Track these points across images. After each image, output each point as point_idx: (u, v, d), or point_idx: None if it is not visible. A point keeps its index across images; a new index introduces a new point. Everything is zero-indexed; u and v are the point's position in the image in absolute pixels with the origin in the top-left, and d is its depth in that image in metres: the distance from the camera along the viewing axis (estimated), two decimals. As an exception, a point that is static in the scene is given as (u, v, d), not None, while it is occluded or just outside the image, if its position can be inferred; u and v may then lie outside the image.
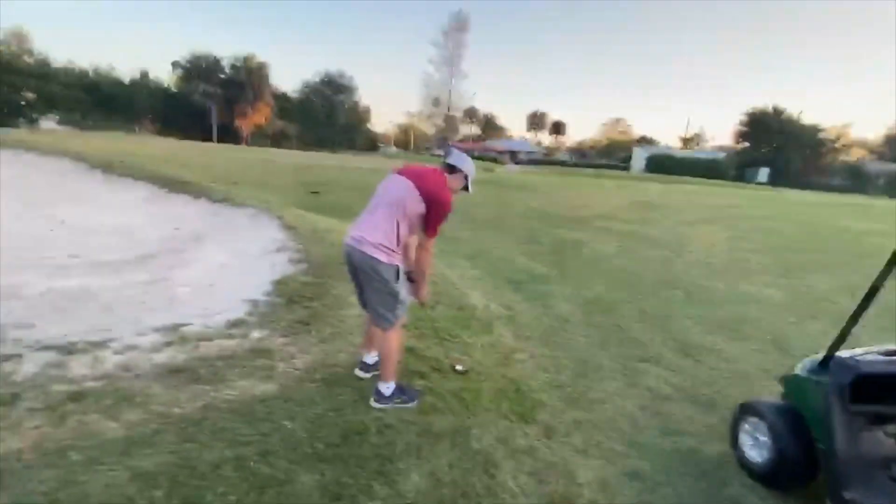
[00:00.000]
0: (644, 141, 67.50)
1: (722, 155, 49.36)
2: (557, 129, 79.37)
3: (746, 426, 2.46)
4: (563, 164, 55.15)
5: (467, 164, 2.57)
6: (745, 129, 48.38)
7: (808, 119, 46.68)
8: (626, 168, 51.27)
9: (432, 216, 2.37)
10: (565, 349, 3.74)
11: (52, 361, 2.63)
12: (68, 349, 2.74)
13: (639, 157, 51.87)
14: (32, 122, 38.21)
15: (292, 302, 3.75)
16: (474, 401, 2.70)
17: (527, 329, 4.07)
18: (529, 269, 6.12)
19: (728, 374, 3.52)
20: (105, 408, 2.24)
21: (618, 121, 79.04)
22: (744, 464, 2.44)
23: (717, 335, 4.26)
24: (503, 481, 2.13)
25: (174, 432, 2.13)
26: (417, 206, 2.34)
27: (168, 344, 2.94)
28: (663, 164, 45.31)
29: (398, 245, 2.38)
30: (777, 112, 46.82)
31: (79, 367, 2.59)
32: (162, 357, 2.78)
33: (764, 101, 62.12)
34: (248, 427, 2.21)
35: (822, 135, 46.13)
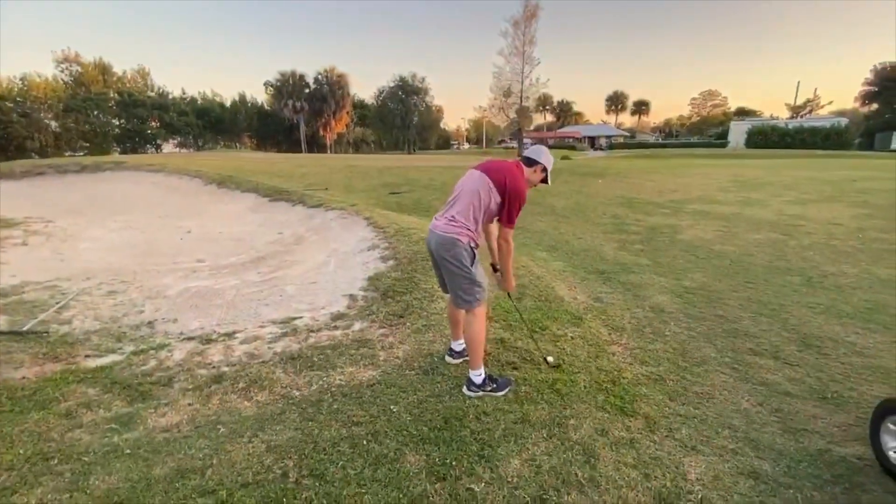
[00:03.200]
0: (742, 113, 60.80)
1: (844, 121, 42.69)
2: (640, 109, 74.42)
3: (890, 426, 2.18)
4: (648, 145, 51.69)
5: (544, 156, 2.60)
6: (872, 88, 41.56)
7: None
8: (723, 145, 46.67)
9: (508, 206, 2.44)
10: (664, 342, 3.56)
11: (194, 350, 3.08)
12: (206, 339, 3.18)
13: (737, 132, 46.86)
14: (157, 147, 44.23)
15: (386, 296, 3.98)
16: (569, 392, 2.69)
17: (619, 321, 3.93)
18: (618, 259, 5.88)
19: (862, 369, 3.11)
20: (240, 389, 2.59)
21: (710, 94, 72.02)
22: (888, 468, 2.16)
23: (847, 326, 3.78)
24: (606, 472, 2.11)
25: (297, 412, 2.40)
26: (493, 197, 2.43)
27: (284, 335, 3.30)
28: (768, 138, 40.52)
29: (475, 229, 2.46)
30: (915, 65, 39.65)
31: (215, 354, 3.00)
32: (280, 346, 3.12)
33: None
34: (359, 409, 2.41)
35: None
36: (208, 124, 48.56)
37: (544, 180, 2.62)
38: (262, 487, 1.93)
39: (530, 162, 2.58)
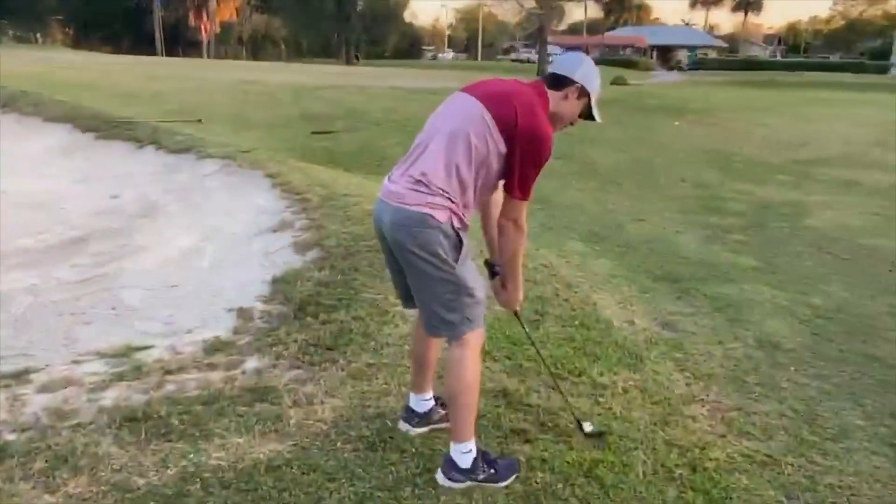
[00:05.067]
0: (917, 17, 62.55)
1: None
2: (749, 3, 75.74)
3: None
4: (759, 65, 52.69)
5: (588, 72, 2.53)
6: None
7: None
8: (884, 69, 47.96)
9: (521, 161, 2.37)
10: (779, 398, 3.63)
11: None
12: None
13: (908, 48, 48.19)
14: None
15: (304, 312, 3.95)
16: (618, 483, 2.71)
17: (705, 364, 3.99)
18: (705, 258, 5.97)
19: None
20: (35, 473, 2.51)
21: (865, -17, 73.88)
22: None
23: None
24: None
25: (139, 515, 2.34)
26: (495, 144, 2.35)
27: (117, 378, 3.23)
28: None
29: (461, 198, 2.38)
30: None
31: (-9, 410, 2.90)
32: (111, 397, 3.06)
33: None
34: (252, 510, 2.37)
35: None
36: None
37: (587, 114, 2.59)
38: None
39: (560, 82, 2.51)
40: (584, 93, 2.52)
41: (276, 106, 14.49)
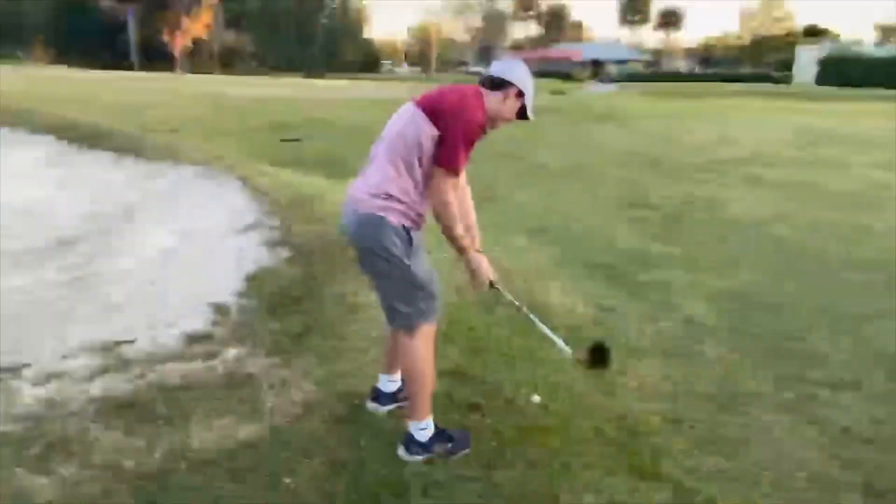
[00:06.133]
0: (814, 34, 64.54)
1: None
2: (669, 21, 77.01)
3: None
4: (679, 77, 53.69)
5: (519, 73, 2.52)
6: None
7: None
8: (786, 80, 49.35)
9: (450, 135, 2.33)
10: (697, 369, 3.75)
11: (-52, 396, 2.89)
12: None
13: (806, 61, 49.72)
14: None
15: (277, 305, 3.95)
16: (563, 448, 2.76)
17: (637, 341, 4.09)
18: (634, 247, 6.08)
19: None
20: (32, 458, 2.46)
21: (770, 5, 75.75)
22: None
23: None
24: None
25: (128, 492, 2.31)
26: (427, 132, 2.34)
27: (105, 369, 3.18)
28: (849, 70, 43.31)
29: (410, 195, 2.39)
30: None
31: (-14, 402, 2.83)
32: (99, 387, 3.01)
33: None
34: (232, 484, 2.36)
35: None
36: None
37: (522, 114, 2.56)
38: None
39: (497, 84, 2.49)
40: (520, 94, 2.51)
41: (246, 116, 14.26)
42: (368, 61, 63.91)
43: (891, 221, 7.08)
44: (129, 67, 46.01)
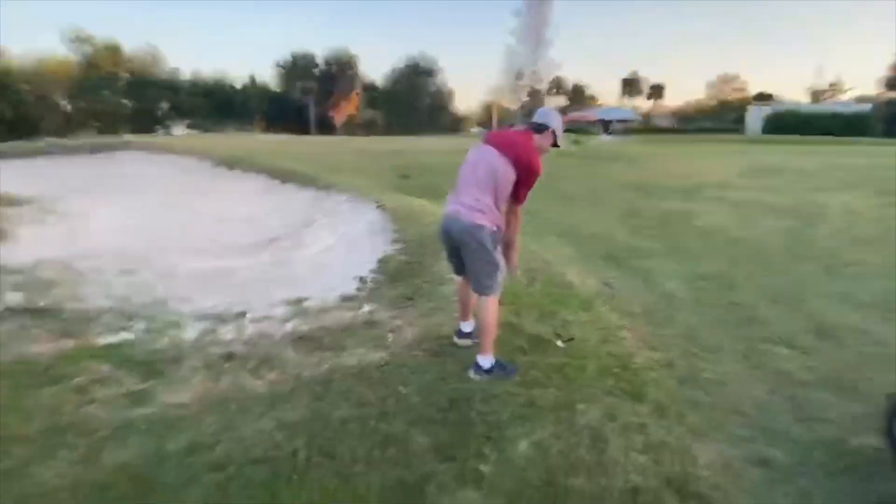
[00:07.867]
0: (763, 98, 59.11)
1: (867, 107, 41.29)
2: (656, 92, 72.70)
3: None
4: (663, 130, 50.72)
5: (553, 119, 2.59)
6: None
7: None
8: (741, 131, 45.56)
9: (523, 182, 2.47)
10: (675, 328, 3.53)
11: (206, 328, 3.12)
12: (218, 318, 3.23)
13: (756, 118, 45.63)
14: (166, 129, 44.47)
15: (395, 279, 4.00)
16: (578, 376, 2.67)
17: (629, 306, 3.90)
18: (630, 245, 5.80)
19: (880, 359, 3.06)
20: (251, 368, 2.62)
21: (729, 77, 69.97)
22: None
23: (867, 315, 3.71)
24: (614, 457, 2.11)
25: (307, 391, 2.43)
26: (509, 175, 2.43)
27: (294, 315, 3.34)
28: (787, 123, 39.31)
29: (496, 207, 2.47)
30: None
31: (227, 333, 3.04)
32: (290, 326, 3.16)
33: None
34: (367, 389, 2.43)
35: None
36: (218, 106, 48.58)
37: (555, 144, 2.61)
38: (272, 463, 1.96)
39: (539, 128, 2.57)
40: (553, 133, 2.59)
41: (378, 161, 14.58)
42: (454, 125, 63.81)
43: (822, 229, 6.43)
44: (308, 132, 48.12)
